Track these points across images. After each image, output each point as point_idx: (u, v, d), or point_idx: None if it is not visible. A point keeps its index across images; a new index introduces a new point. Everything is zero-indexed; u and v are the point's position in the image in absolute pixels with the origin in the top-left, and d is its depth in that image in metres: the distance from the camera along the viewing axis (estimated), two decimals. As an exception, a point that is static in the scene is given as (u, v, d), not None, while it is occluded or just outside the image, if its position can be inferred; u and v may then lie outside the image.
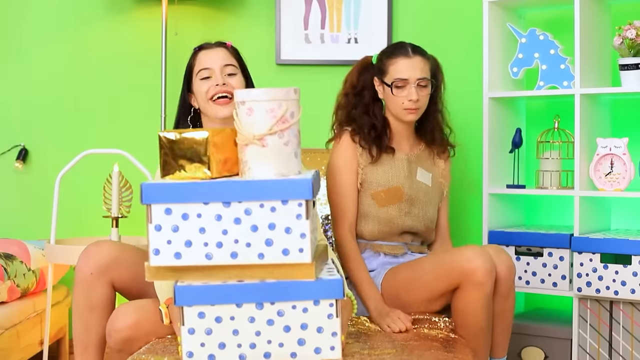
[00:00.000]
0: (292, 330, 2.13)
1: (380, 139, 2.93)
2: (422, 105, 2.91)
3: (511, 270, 2.71)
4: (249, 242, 2.11)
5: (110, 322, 2.46)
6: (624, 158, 3.12)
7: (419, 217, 2.95)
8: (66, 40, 3.92)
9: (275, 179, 2.11)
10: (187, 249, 2.11)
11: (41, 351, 3.53)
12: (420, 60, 2.89)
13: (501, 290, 2.69)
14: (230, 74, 2.68)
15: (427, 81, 2.89)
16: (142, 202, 2.10)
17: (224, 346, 2.11)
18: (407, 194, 2.92)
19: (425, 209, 2.97)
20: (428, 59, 2.92)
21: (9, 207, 3.96)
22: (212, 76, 2.67)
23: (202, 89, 2.68)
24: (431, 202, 3.00)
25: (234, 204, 2.10)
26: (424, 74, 2.88)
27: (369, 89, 2.97)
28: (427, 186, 2.98)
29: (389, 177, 2.92)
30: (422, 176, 2.98)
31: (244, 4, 3.83)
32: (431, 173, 3.01)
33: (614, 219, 3.47)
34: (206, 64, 2.68)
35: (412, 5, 3.75)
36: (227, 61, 2.69)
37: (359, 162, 2.92)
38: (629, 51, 3.11)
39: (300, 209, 2.10)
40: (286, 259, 2.11)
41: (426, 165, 3.01)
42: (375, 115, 2.95)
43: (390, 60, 2.90)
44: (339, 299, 2.15)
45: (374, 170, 2.91)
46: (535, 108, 3.65)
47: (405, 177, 2.94)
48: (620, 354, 3.07)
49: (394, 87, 2.87)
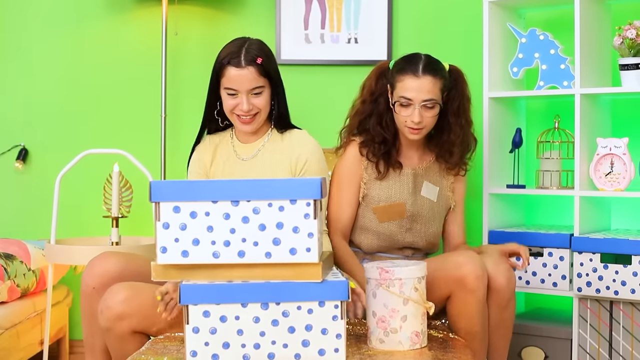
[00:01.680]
0: (297, 331, 2.14)
1: (389, 153, 2.88)
2: (426, 126, 2.82)
3: (510, 281, 2.66)
4: (256, 241, 2.11)
5: (102, 299, 2.47)
6: (624, 158, 3.13)
7: (421, 233, 2.92)
8: (66, 40, 3.91)
9: (284, 179, 2.13)
10: (195, 247, 2.12)
11: (41, 351, 3.52)
12: (429, 81, 2.76)
13: (499, 301, 2.67)
14: (256, 93, 2.68)
15: (433, 103, 2.77)
16: (150, 200, 2.11)
17: (228, 346, 2.12)
18: (409, 210, 2.88)
19: (428, 225, 2.93)
20: (440, 78, 2.80)
21: (9, 207, 3.95)
22: (238, 95, 2.67)
23: (228, 103, 2.71)
24: (435, 218, 2.95)
25: (243, 202, 2.11)
26: (430, 95, 2.76)
27: (384, 96, 2.91)
28: (431, 202, 2.93)
29: (392, 192, 2.88)
30: (428, 191, 2.93)
31: (244, 4, 3.83)
32: (438, 187, 2.96)
33: (614, 219, 3.48)
34: (233, 85, 2.67)
35: (412, 5, 3.75)
36: (254, 84, 2.66)
37: (363, 177, 2.89)
38: (629, 51, 3.11)
39: (309, 208, 2.12)
40: (293, 258, 2.12)
41: (434, 179, 2.96)
42: (388, 127, 2.88)
43: (399, 75, 2.81)
44: (344, 300, 2.16)
45: (377, 185, 2.89)
46: (535, 108, 3.65)
47: (410, 194, 2.90)
48: (620, 354, 3.08)
49: (397, 106, 2.80)
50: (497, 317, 2.69)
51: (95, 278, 2.57)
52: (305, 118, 3.82)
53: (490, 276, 2.63)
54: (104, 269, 2.57)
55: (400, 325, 2.34)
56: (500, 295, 2.65)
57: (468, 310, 2.59)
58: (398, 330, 2.34)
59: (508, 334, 2.78)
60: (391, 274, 2.33)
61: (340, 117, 3.10)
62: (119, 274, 2.57)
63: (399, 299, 2.34)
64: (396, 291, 2.33)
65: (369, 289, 2.38)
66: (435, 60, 2.84)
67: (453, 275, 2.57)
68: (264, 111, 2.72)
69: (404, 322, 2.34)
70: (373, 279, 2.36)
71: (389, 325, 2.34)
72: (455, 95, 2.88)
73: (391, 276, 2.33)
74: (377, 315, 2.36)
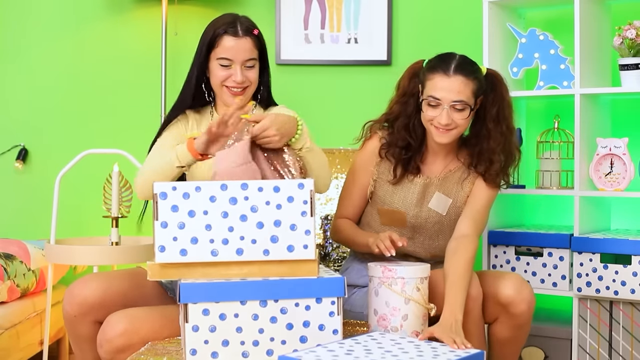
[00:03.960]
0: (295, 327, 2.15)
1: (410, 161, 2.73)
2: (457, 128, 2.62)
3: (531, 306, 2.58)
4: (254, 239, 2.12)
5: (101, 332, 2.43)
6: (624, 158, 3.13)
7: (424, 245, 2.77)
8: (66, 40, 3.92)
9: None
10: (193, 246, 2.12)
11: (41, 351, 3.52)
12: (460, 82, 2.57)
13: (518, 323, 2.60)
14: (249, 66, 2.63)
15: (463, 104, 2.58)
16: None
17: (227, 343, 2.12)
18: (410, 222, 2.74)
19: (433, 238, 2.77)
20: (473, 79, 2.60)
21: (9, 207, 3.95)
22: (232, 66, 2.61)
23: (219, 74, 2.62)
24: (444, 232, 2.75)
25: (241, 201, 2.12)
26: (460, 97, 2.57)
27: (415, 97, 2.72)
28: (439, 215, 2.73)
29: (395, 199, 2.74)
30: (438, 203, 2.73)
31: (244, 4, 3.83)
32: (452, 199, 2.74)
33: (614, 219, 3.48)
34: (229, 55, 2.60)
35: (412, 5, 3.76)
36: (250, 55, 2.61)
37: (374, 173, 2.77)
38: (629, 51, 3.11)
39: (306, 206, 2.13)
40: (291, 255, 2.13)
41: (450, 189, 2.75)
42: (415, 131, 2.72)
43: (430, 73, 2.63)
44: (341, 297, 2.17)
45: (385, 186, 2.76)
46: (535, 108, 3.65)
47: (414, 204, 2.73)
48: (620, 354, 3.07)
49: (425, 105, 2.62)
50: (510, 336, 2.65)
51: (74, 307, 2.50)
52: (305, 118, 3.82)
53: (511, 302, 2.56)
54: (83, 297, 2.50)
55: (401, 324, 2.34)
56: (520, 319, 2.60)
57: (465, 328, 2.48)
58: (398, 329, 2.34)
59: (519, 348, 2.74)
60: (394, 273, 2.33)
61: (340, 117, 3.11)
62: (100, 300, 2.50)
63: (401, 298, 2.34)
64: (398, 290, 2.33)
65: (371, 287, 2.38)
66: (471, 62, 2.67)
67: None
68: (253, 85, 2.66)
69: (404, 321, 2.34)
70: (376, 277, 2.37)
71: (390, 323, 2.34)
72: (494, 100, 2.70)
73: (394, 275, 2.33)
74: (378, 313, 2.36)
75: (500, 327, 2.64)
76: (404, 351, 1.96)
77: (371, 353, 1.93)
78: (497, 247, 3.32)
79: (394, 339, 2.07)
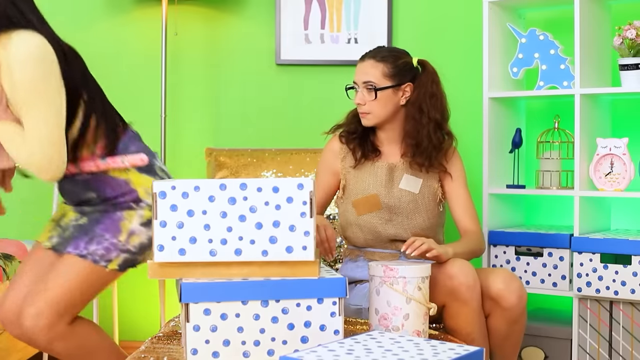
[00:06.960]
0: (296, 327, 2.15)
1: (364, 143, 2.89)
2: (372, 111, 2.81)
3: (522, 299, 2.64)
4: (253, 239, 2.12)
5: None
6: (624, 158, 3.13)
7: (404, 225, 2.84)
8: (66, 40, 3.90)
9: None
10: (192, 246, 2.12)
11: (41, 351, 3.51)
12: (370, 65, 2.80)
13: (510, 317, 2.65)
14: None
15: (372, 85, 2.78)
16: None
17: (228, 343, 2.12)
18: (384, 202, 2.83)
19: (411, 217, 2.85)
20: (384, 62, 2.79)
21: (8, 207, 3.94)
22: None
23: None
24: (419, 210, 2.85)
25: (240, 201, 2.12)
26: (368, 77, 2.79)
27: None
28: (412, 194, 2.85)
29: (365, 185, 2.86)
30: (408, 183, 2.86)
31: (244, 4, 3.84)
32: (422, 179, 2.87)
33: (614, 219, 3.48)
34: None
35: (412, 6, 3.76)
36: None
37: (341, 168, 2.91)
38: (629, 51, 3.11)
39: (305, 207, 2.13)
40: (290, 256, 2.13)
41: (417, 173, 2.88)
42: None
43: None
44: (342, 297, 2.17)
45: (354, 176, 2.88)
46: (535, 108, 3.65)
47: (383, 185, 2.84)
48: (620, 354, 3.08)
49: (349, 92, 2.89)
50: (506, 330, 2.69)
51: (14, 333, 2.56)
52: (304, 118, 3.83)
53: (501, 295, 2.62)
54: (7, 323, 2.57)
55: (402, 324, 2.34)
56: (512, 312, 2.64)
57: (463, 321, 2.59)
58: (400, 329, 2.34)
59: (517, 343, 2.78)
60: (395, 272, 2.33)
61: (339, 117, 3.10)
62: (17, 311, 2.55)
63: (402, 298, 2.34)
64: (399, 289, 2.33)
65: (373, 286, 2.38)
66: (390, 49, 2.87)
67: (445, 287, 2.56)
68: None
69: (406, 321, 2.34)
70: (377, 277, 2.37)
71: (391, 323, 2.34)
72: (416, 87, 2.82)
73: (395, 274, 2.33)
74: (379, 312, 2.36)
75: (495, 321, 2.68)
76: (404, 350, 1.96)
77: (372, 352, 1.93)
78: (497, 247, 3.32)
79: (394, 338, 2.07)
